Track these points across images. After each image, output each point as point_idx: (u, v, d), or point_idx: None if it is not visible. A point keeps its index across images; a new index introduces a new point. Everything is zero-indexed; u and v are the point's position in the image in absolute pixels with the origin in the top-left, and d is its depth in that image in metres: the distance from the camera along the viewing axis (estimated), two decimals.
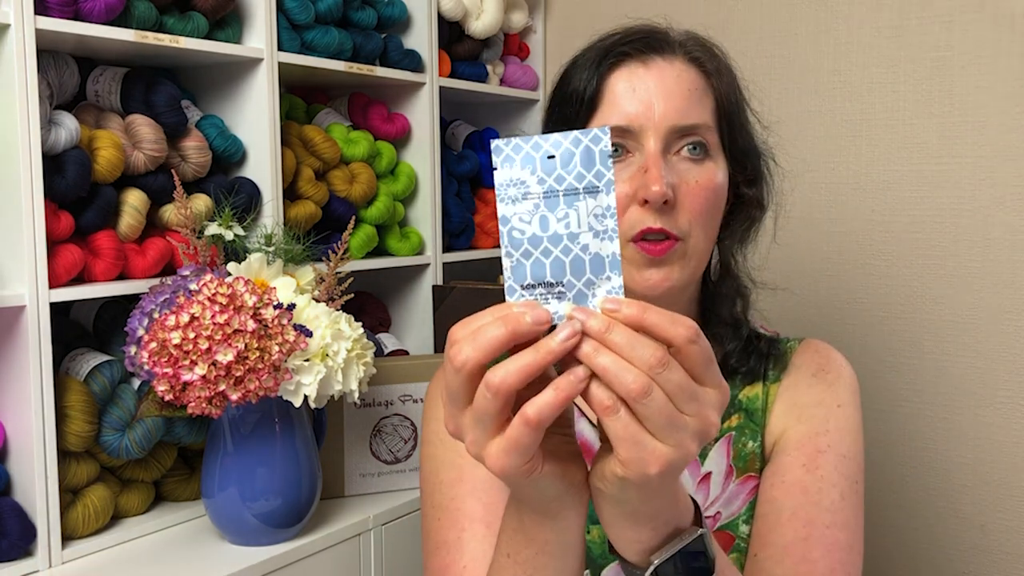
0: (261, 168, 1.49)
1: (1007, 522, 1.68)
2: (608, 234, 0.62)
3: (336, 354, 1.24)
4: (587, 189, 0.62)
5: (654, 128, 0.94)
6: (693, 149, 0.96)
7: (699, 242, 0.96)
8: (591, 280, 0.63)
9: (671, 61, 0.98)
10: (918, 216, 1.73)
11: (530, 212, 0.63)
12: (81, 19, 1.25)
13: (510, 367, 0.61)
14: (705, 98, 0.98)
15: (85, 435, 1.27)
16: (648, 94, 0.95)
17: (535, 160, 0.63)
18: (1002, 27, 1.63)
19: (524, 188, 0.63)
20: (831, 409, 1.02)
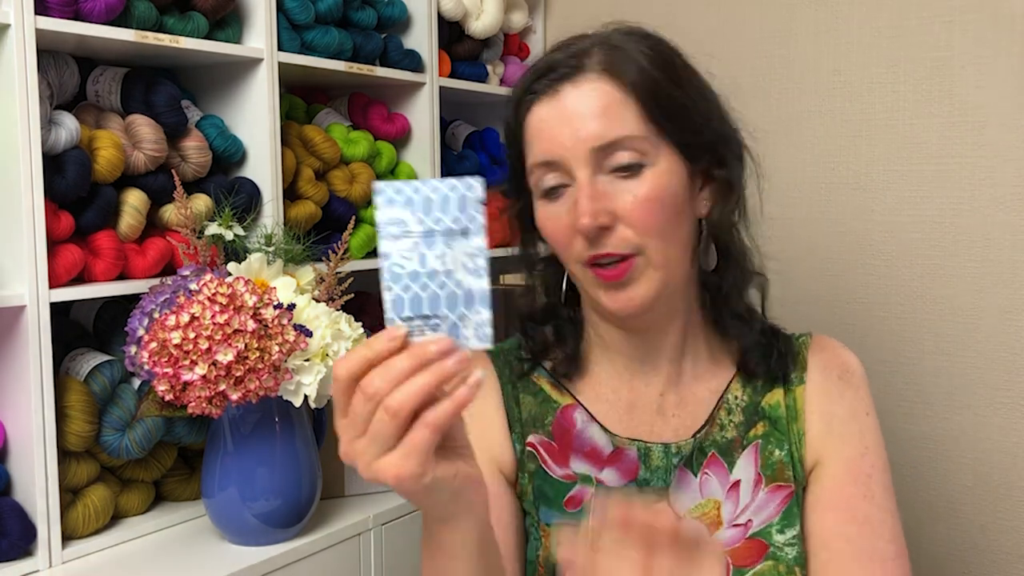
0: (261, 168, 1.49)
1: (1007, 522, 1.68)
2: (479, 272, 0.69)
3: (336, 354, 1.24)
4: (462, 231, 0.69)
5: (574, 156, 0.94)
6: (624, 169, 0.94)
7: (659, 252, 0.95)
8: (464, 313, 0.69)
9: (579, 84, 0.96)
10: (918, 216, 1.73)
11: (410, 250, 0.68)
12: (81, 19, 1.25)
13: (409, 390, 0.66)
14: (625, 108, 0.95)
15: (85, 435, 1.27)
16: (560, 123, 0.96)
17: (415, 202, 0.68)
18: (1002, 27, 1.63)
19: (404, 227, 0.68)
20: (863, 420, 1.05)
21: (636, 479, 1.01)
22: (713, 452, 1.02)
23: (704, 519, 1.00)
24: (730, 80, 1.05)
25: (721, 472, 1.02)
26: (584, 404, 1.05)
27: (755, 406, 1.04)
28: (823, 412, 1.04)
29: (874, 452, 1.04)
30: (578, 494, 1.01)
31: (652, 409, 1.04)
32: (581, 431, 1.03)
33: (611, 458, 1.02)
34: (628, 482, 1.01)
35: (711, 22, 1.92)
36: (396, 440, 0.66)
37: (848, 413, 1.04)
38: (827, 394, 1.05)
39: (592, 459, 1.02)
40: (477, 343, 0.69)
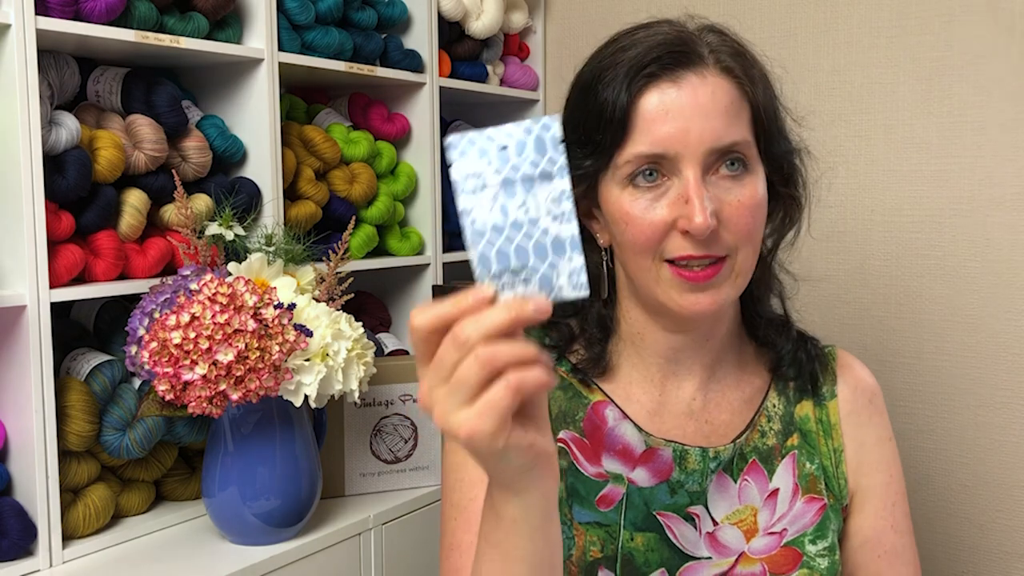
0: (261, 168, 1.49)
1: (1007, 522, 1.68)
2: (566, 216, 0.64)
3: (336, 354, 1.24)
4: (542, 175, 0.64)
5: (691, 154, 0.90)
6: (732, 165, 0.92)
7: (747, 258, 0.94)
8: (554, 262, 0.64)
9: (703, 76, 0.92)
10: (918, 216, 1.73)
11: (489, 202, 0.64)
12: (82, 19, 1.26)
13: (504, 348, 0.62)
14: (742, 112, 0.94)
15: (86, 435, 1.27)
16: (682, 117, 0.91)
17: (489, 152, 0.64)
18: (1002, 27, 1.63)
19: (481, 179, 0.64)
20: (886, 445, 1.08)
21: (669, 480, 0.99)
22: (754, 459, 1.01)
23: (740, 526, 0.99)
24: None
25: (761, 479, 1.01)
26: (615, 399, 1.02)
27: (790, 416, 1.05)
28: (854, 437, 1.06)
29: (897, 479, 1.07)
30: (610, 493, 0.99)
31: (682, 412, 1.03)
32: (613, 428, 1.01)
33: (643, 457, 1.00)
34: (660, 482, 0.99)
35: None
36: (479, 392, 0.62)
37: (876, 440, 1.07)
38: (857, 416, 1.06)
39: (624, 457, 1.00)
40: (572, 292, 0.64)
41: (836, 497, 1.03)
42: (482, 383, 0.62)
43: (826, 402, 1.06)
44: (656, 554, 0.98)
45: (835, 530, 1.02)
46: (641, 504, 0.99)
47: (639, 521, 0.98)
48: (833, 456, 1.04)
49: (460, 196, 0.64)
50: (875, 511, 1.05)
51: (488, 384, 0.62)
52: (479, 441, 0.63)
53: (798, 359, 1.05)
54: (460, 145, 0.64)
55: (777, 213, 1.03)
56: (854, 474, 1.05)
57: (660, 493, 0.99)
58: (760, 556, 0.99)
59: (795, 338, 1.06)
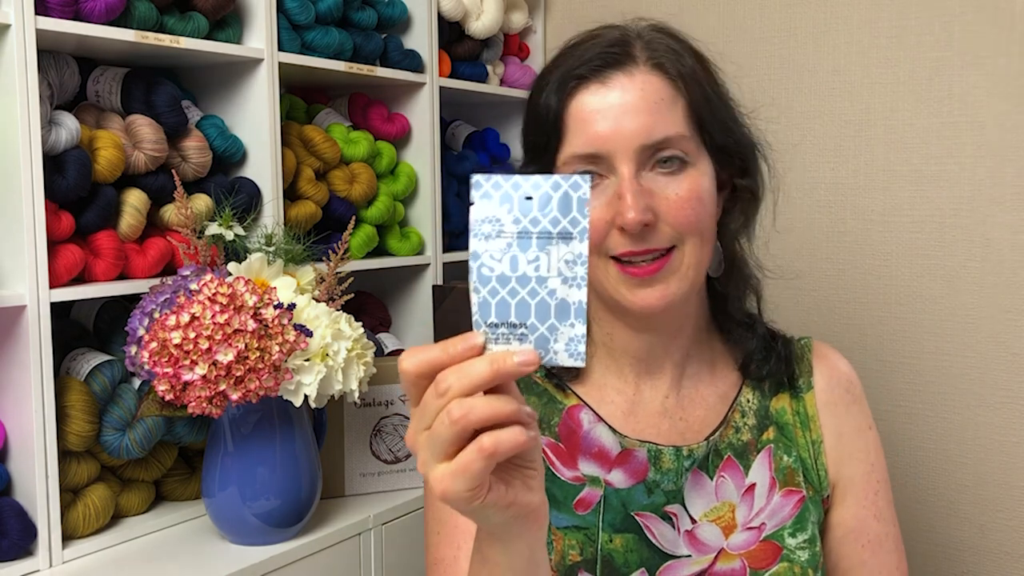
0: (261, 168, 1.49)
1: (1007, 522, 1.68)
2: (577, 282, 0.63)
3: (336, 354, 1.24)
4: (561, 235, 0.62)
5: (623, 151, 0.92)
6: (666, 163, 0.94)
7: (694, 250, 0.95)
8: (555, 325, 0.63)
9: (631, 75, 0.94)
10: (918, 216, 1.73)
11: (502, 251, 0.63)
12: (81, 19, 1.26)
13: (476, 404, 0.61)
14: (674, 106, 0.95)
15: (86, 435, 1.27)
16: (612, 116, 0.93)
17: (513, 199, 0.63)
18: (1002, 27, 1.63)
19: (499, 226, 0.63)
20: (867, 434, 1.07)
21: (645, 480, 1.00)
22: (729, 455, 1.02)
23: (719, 522, 1.00)
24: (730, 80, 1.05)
25: (737, 475, 1.01)
26: (589, 403, 1.03)
27: (765, 410, 1.05)
28: (832, 428, 1.06)
29: (878, 467, 1.07)
30: (587, 496, 1.00)
31: (656, 411, 1.03)
32: (588, 432, 1.02)
33: (619, 459, 1.01)
34: (636, 483, 1.00)
35: (711, 22, 1.92)
36: (454, 448, 0.61)
37: (854, 430, 1.06)
38: (834, 407, 1.06)
39: (600, 460, 1.01)
40: (568, 360, 0.63)
41: (816, 489, 1.03)
42: (455, 441, 0.61)
43: (803, 394, 1.06)
44: (635, 555, 0.98)
45: (815, 522, 1.02)
46: (619, 505, 0.99)
47: (617, 523, 0.99)
48: (812, 448, 1.04)
49: (474, 238, 0.63)
50: (857, 501, 1.05)
51: (463, 441, 0.62)
52: (452, 500, 0.63)
53: (767, 358, 1.04)
54: (485, 187, 0.63)
55: (736, 206, 1.03)
56: (834, 465, 1.05)
57: (637, 494, 1.00)
58: (739, 552, 0.99)
59: (762, 335, 1.05)
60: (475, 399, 0.61)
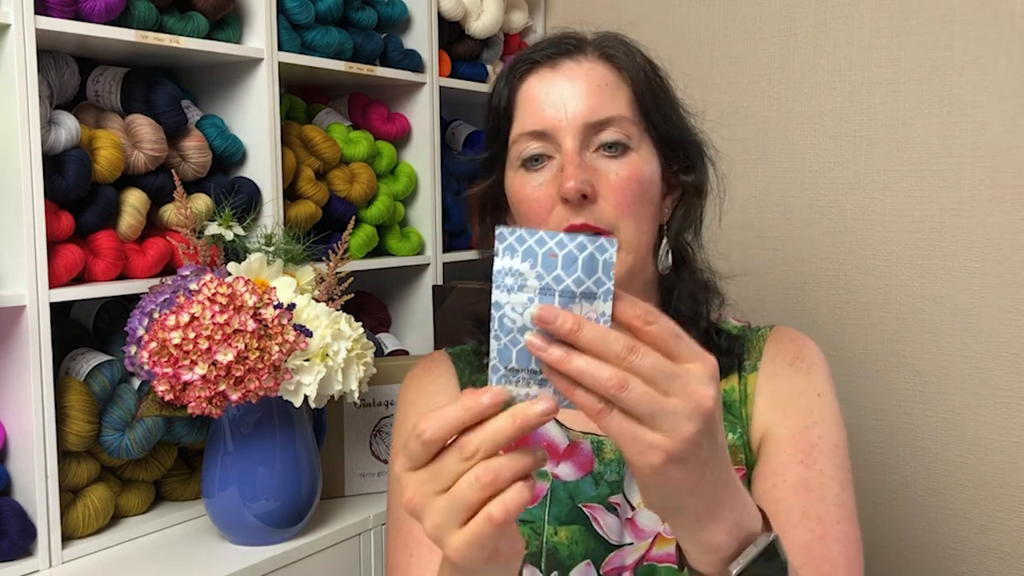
0: (261, 168, 1.49)
1: (1007, 522, 1.68)
2: None
3: (336, 354, 1.24)
4: (584, 294, 0.63)
5: (567, 127, 0.97)
6: (609, 147, 0.98)
7: (631, 235, 0.97)
8: None
9: (579, 61, 1.00)
10: (918, 216, 1.73)
11: (524, 304, 0.63)
12: (81, 19, 1.25)
13: (505, 468, 0.61)
14: (619, 91, 1.00)
15: (85, 435, 1.27)
16: (558, 95, 0.98)
17: (536, 256, 0.63)
18: (1002, 27, 1.63)
19: (521, 280, 0.63)
20: (813, 399, 1.02)
21: (592, 472, 1.02)
22: None
23: None
24: (730, 80, 1.06)
25: None
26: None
27: None
28: (770, 393, 1.03)
29: (823, 427, 1.00)
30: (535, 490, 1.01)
31: None
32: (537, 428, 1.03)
33: (566, 452, 1.03)
34: (583, 475, 1.02)
35: (711, 22, 1.92)
36: (475, 511, 0.62)
37: (795, 392, 1.02)
38: (775, 378, 1.04)
39: (548, 454, 1.01)
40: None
41: (750, 466, 1.01)
42: (481, 503, 0.62)
43: (747, 374, 1.05)
44: (580, 546, 0.99)
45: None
46: (566, 498, 1.01)
47: (563, 515, 1.00)
48: (745, 425, 1.02)
49: (496, 290, 0.64)
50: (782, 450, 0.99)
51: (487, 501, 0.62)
52: (465, 565, 0.64)
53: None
54: (509, 240, 0.63)
55: (680, 203, 1.06)
56: (761, 429, 1.01)
57: (585, 486, 1.01)
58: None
59: (704, 330, 1.05)
60: (500, 460, 0.62)
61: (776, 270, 1.86)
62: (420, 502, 0.64)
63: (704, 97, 1.10)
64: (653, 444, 0.61)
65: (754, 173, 1.88)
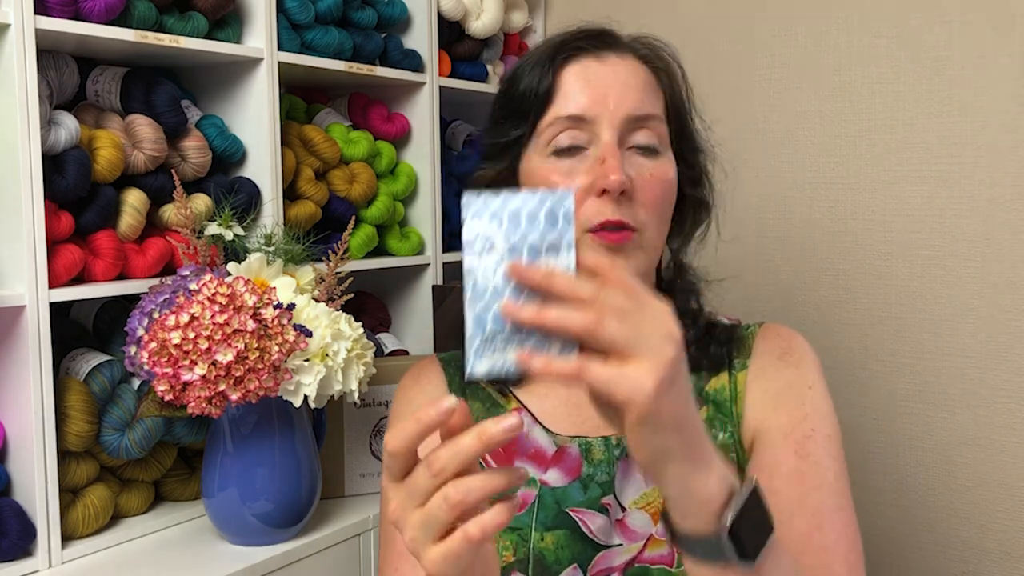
0: (261, 168, 1.49)
1: (1007, 522, 1.68)
2: None
3: (336, 354, 1.24)
4: (549, 247, 0.65)
5: (609, 117, 0.97)
6: (644, 145, 0.98)
7: (653, 235, 0.98)
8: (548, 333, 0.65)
9: (622, 56, 1.01)
10: (918, 216, 1.73)
11: (494, 265, 0.65)
12: (81, 19, 1.25)
13: (475, 488, 0.63)
14: (657, 94, 1.02)
15: (85, 435, 1.27)
16: (603, 85, 0.98)
17: (501, 216, 0.65)
18: (1002, 27, 1.63)
19: (489, 242, 0.65)
20: (804, 391, 1.01)
21: (580, 476, 1.01)
22: None
23: (648, 508, 1.00)
24: (730, 80, 1.06)
25: None
26: (528, 406, 1.05)
27: (699, 392, 1.03)
28: (760, 390, 1.02)
29: (815, 418, 0.99)
30: (522, 497, 1.01)
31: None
32: (525, 434, 1.03)
33: (554, 458, 1.02)
34: (572, 480, 1.01)
35: (711, 22, 1.92)
36: (447, 528, 0.65)
37: (785, 386, 1.02)
38: (764, 373, 1.03)
39: (536, 461, 1.03)
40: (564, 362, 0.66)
41: (741, 464, 1.01)
42: (452, 521, 0.64)
43: (736, 372, 1.04)
44: (567, 551, 0.99)
45: None
46: (552, 503, 1.00)
47: (549, 520, 1.00)
48: (736, 423, 1.02)
49: (467, 256, 0.66)
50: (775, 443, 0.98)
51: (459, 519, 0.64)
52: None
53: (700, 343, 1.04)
54: (474, 205, 0.66)
55: (686, 216, 1.07)
56: (754, 426, 1.00)
57: (574, 491, 1.01)
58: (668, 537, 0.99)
59: (701, 327, 1.06)
60: (471, 479, 0.64)
61: (776, 270, 1.86)
62: (400, 515, 0.67)
63: (704, 97, 1.10)
64: (641, 372, 0.64)
65: (754, 173, 1.87)
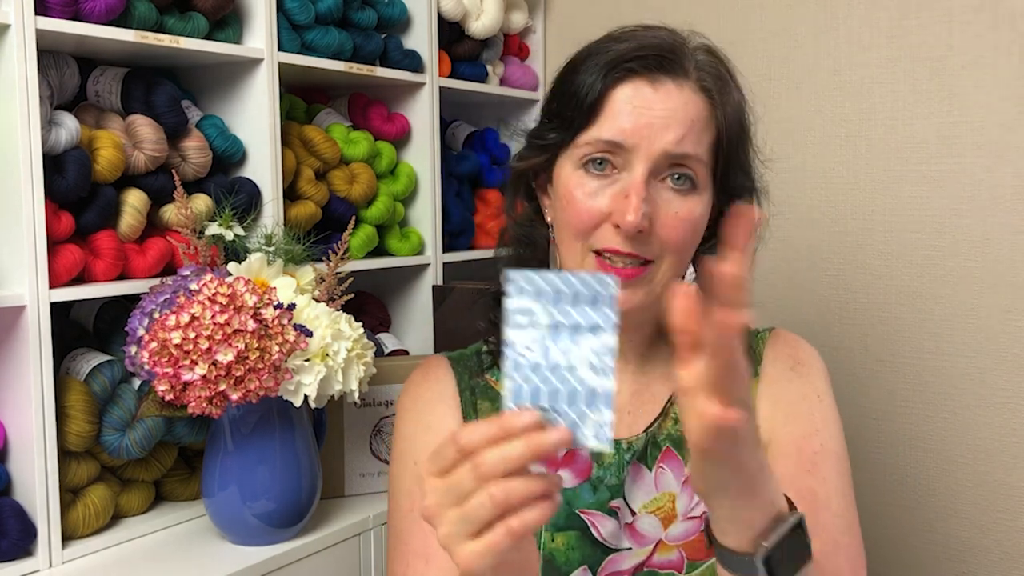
0: (261, 168, 1.49)
1: (1007, 522, 1.68)
2: (606, 371, 0.67)
3: (336, 354, 1.24)
4: (590, 327, 0.67)
5: (646, 150, 0.93)
6: (679, 179, 0.95)
7: (667, 270, 0.96)
8: (583, 411, 0.67)
9: (680, 85, 0.96)
10: (918, 216, 1.73)
11: (535, 341, 0.67)
12: (81, 19, 1.25)
13: (519, 490, 0.64)
14: (706, 131, 0.97)
15: (85, 435, 1.27)
16: (649, 114, 0.94)
17: (546, 293, 0.67)
18: (1002, 27, 1.63)
19: (532, 318, 0.67)
20: (814, 403, 1.02)
21: (590, 478, 1.01)
22: (668, 446, 1.02)
23: (658, 513, 1.00)
24: None
25: (676, 466, 1.02)
26: None
27: None
28: (771, 400, 1.02)
29: (825, 434, 1.01)
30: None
31: None
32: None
33: (565, 459, 1.02)
34: (582, 482, 1.01)
35: (711, 22, 1.92)
36: (487, 527, 0.65)
37: (796, 396, 1.03)
38: (776, 383, 1.04)
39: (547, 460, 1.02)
40: (595, 443, 0.67)
41: None
42: (492, 521, 0.65)
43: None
44: (577, 552, 0.99)
45: None
46: (563, 504, 1.00)
47: (559, 521, 1.00)
48: None
49: (509, 329, 0.67)
50: (788, 457, 0.99)
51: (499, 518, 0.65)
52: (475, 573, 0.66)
53: None
54: (519, 282, 0.67)
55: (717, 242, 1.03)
56: (766, 437, 1.00)
57: (584, 492, 1.01)
58: (677, 543, 1.00)
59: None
60: (514, 481, 0.65)
61: (776, 270, 1.86)
62: (435, 512, 0.67)
63: None
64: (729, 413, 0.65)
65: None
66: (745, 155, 1.02)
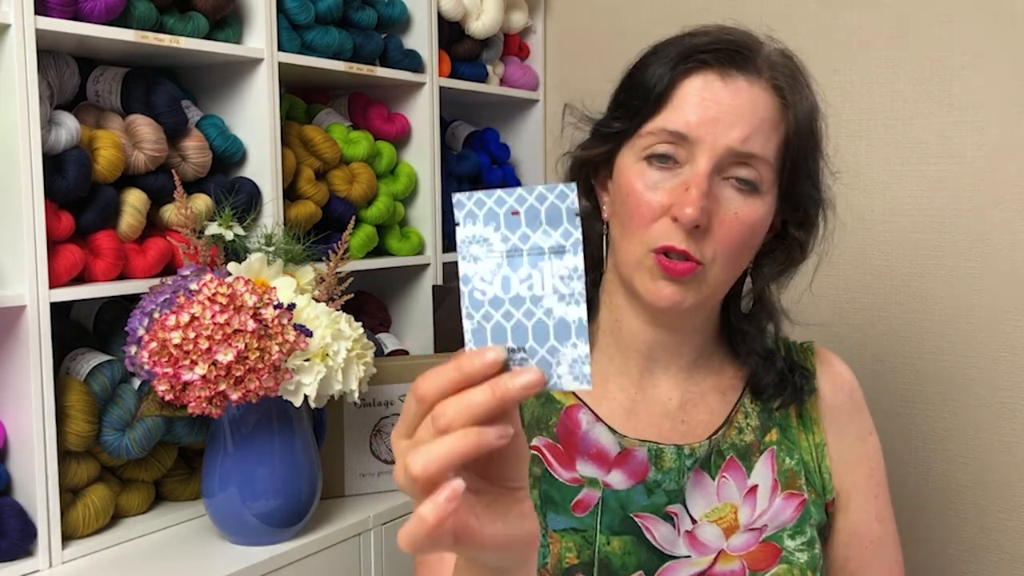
0: (261, 168, 1.49)
1: (1007, 522, 1.68)
2: (575, 298, 0.58)
3: (336, 354, 1.24)
4: (553, 249, 0.58)
5: (710, 145, 0.91)
6: (743, 180, 0.93)
7: (719, 272, 0.94)
8: (555, 347, 0.58)
9: (752, 83, 0.94)
10: (918, 216, 1.73)
11: (492, 272, 0.59)
12: (81, 19, 1.25)
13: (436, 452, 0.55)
14: (774, 132, 0.94)
15: (85, 435, 1.27)
16: (717, 108, 0.92)
17: (499, 216, 0.59)
18: (1002, 27, 1.63)
19: (487, 246, 0.59)
20: (867, 440, 1.08)
21: (645, 480, 0.99)
22: (732, 456, 1.01)
23: (720, 523, 0.99)
24: None
25: (739, 476, 1.01)
26: (588, 404, 1.02)
27: (769, 412, 1.04)
28: (836, 434, 1.07)
29: (878, 471, 1.08)
30: (585, 498, 0.99)
31: (659, 411, 1.02)
32: (587, 432, 1.00)
33: (618, 459, 1.00)
34: (636, 483, 0.99)
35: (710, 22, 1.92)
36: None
37: (857, 437, 1.08)
38: (838, 413, 1.07)
39: (598, 461, 1.00)
40: (573, 383, 0.58)
41: (818, 492, 1.03)
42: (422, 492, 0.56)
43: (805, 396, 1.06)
44: (633, 557, 0.97)
45: (814, 524, 1.02)
46: (617, 507, 0.98)
47: (615, 525, 0.98)
48: (815, 451, 1.05)
49: (462, 262, 0.59)
50: (860, 505, 1.07)
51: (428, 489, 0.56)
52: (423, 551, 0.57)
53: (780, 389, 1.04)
54: (468, 206, 0.59)
55: (778, 253, 1.03)
56: (838, 471, 1.06)
57: (636, 495, 0.99)
58: (739, 553, 0.99)
59: (780, 370, 1.04)
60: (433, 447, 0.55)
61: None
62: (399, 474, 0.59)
63: None
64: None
65: None
66: (814, 163, 0.99)
